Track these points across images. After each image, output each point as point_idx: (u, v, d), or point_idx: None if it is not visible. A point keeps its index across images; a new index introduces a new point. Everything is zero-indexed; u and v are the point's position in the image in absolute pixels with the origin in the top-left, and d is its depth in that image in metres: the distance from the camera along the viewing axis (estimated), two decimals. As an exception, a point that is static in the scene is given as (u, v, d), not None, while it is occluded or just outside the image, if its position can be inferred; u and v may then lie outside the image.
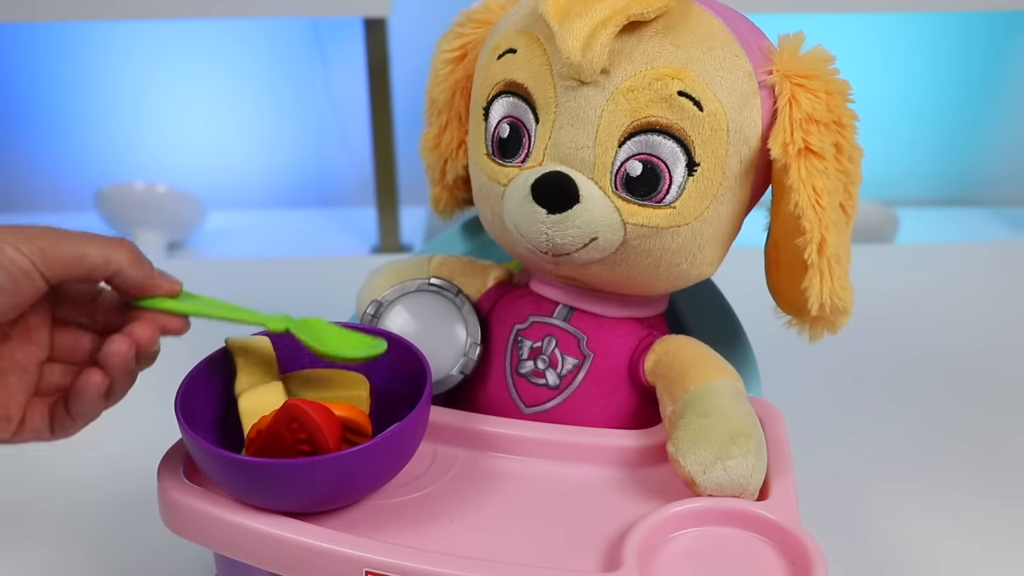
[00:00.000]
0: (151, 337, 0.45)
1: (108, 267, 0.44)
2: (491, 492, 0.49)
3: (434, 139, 0.60)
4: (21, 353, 0.45)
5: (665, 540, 0.46)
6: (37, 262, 0.42)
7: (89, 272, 0.44)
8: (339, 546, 0.44)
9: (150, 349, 0.46)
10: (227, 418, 0.49)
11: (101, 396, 0.45)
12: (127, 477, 0.69)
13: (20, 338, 0.45)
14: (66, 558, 0.63)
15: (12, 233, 0.42)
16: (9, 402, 0.45)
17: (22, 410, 0.45)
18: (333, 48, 1.53)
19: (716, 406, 0.49)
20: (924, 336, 0.89)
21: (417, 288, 0.57)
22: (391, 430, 0.45)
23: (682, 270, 0.52)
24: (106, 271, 0.44)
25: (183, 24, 1.47)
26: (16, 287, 0.42)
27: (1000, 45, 1.54)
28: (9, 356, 0.45)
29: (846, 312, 0.51)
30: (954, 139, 1.60)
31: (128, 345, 0.45)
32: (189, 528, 0.47)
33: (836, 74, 0.50)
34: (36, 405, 0.46)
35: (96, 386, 0.45)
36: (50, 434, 0.46)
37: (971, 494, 0.69)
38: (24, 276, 0.42)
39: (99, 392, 0.45)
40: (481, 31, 0.56)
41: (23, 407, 0.45)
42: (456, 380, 0.55)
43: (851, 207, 0.51)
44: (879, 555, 0.63)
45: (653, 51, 0.48)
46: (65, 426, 0.46)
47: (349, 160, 1.60)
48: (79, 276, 0.44)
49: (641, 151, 0.48)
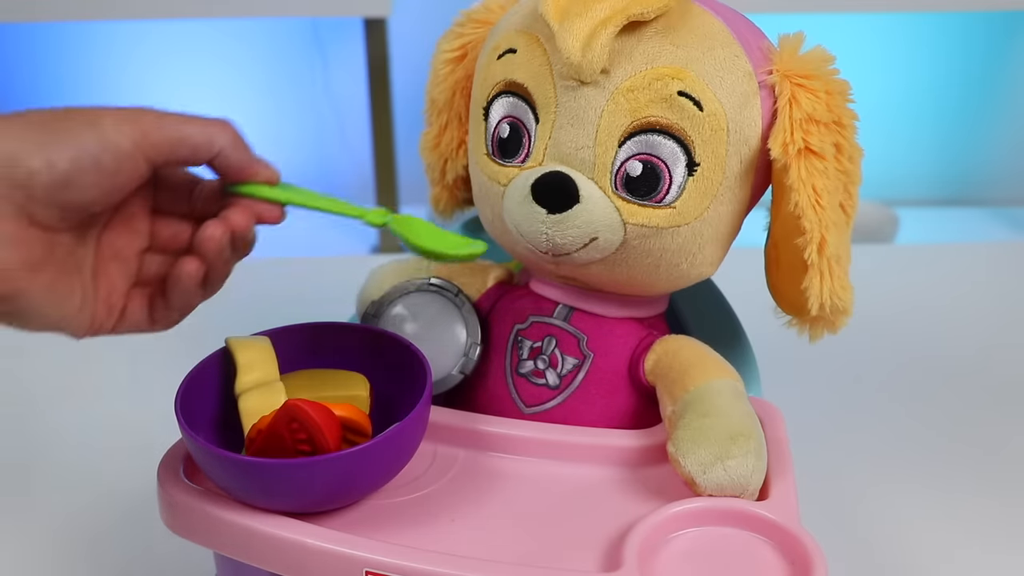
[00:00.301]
0: (245, 223, 0.45)
1: (211, 148, 0.43)
2: (491, 492, 0.49)
3: (434, 139, 0.60)
4: (122, 242, 0.45)
5: (665, 540, 0.46)
6: (140, 142, 0.41)
7: (192, 153, 0.43)
8: (339, 546, 0.44)
9: (245, 236, 0.45)
10: (227, 418, 0.49)
11: (197, 284, 0.45)
12: (127, 477, 0.69)
13: (121, 227, 0.45)
14: (66, 558, 0.63)
15: (113, 115, 0.41)
16: (111, 291, 0.45)
17: (123, 299, 0.45)
18: (333, 48, 1.53)
19: (716, 406, 0.49)
20: (924, 336, 0.89)
21: (417, 288, 0.57)
22: (391, 430, 0.45)
23: (682, 270, 0.52)
24: (209, 152, 0.44)
25: (183, 24, 1.46)
26: (119, 168, 0.41)
27: (1000, 45, 1.54)
28: (111, 245, 0.45)
29: (846, 312, 0.51)
30: (954, 139, 1.60)
31: (222, 230, 0.44)
32: (189, 528, 0.47)
33: (836, 74, 0.50)
34: (136, 295, 0.46)
35: (191, 274, 0.44)
36: (149, 324, 0.46)
37: (971, 494, 0.69)
38: (128, 158, 0.41)
39: (194, 280, 0.45)
40: (481, 31, 0.56)
41: (124, 296, 0.45)
42: (456, 380, 0.55)
43: (851, 207, 0.51)
44: (879, 555, 0.63)
45: (653, 51, 0.48)
46: (164, 317, 0.46)
47: (349, 160, 1.60)
48: (182, 158, 0.43)
49: (641, 151, 0.48)
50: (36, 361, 0.85)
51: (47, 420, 0.77)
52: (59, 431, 0.75)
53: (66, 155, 0.40)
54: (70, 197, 0.41)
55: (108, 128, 0.41)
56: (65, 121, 0.41)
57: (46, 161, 0.39)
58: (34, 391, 0.81)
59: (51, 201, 0.40)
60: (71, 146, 0.40)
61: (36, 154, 0.39)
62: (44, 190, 0.40)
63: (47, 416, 0.77)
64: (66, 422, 0.76)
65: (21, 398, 0.80)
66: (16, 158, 0.39)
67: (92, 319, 0.44)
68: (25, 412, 0.78)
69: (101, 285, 0.44)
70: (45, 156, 0.39)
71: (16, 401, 0.79)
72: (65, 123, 0.40)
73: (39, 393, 0.80)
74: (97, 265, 0.44)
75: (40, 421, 0.77)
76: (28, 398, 0.80)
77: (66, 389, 0.81)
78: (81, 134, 0.40)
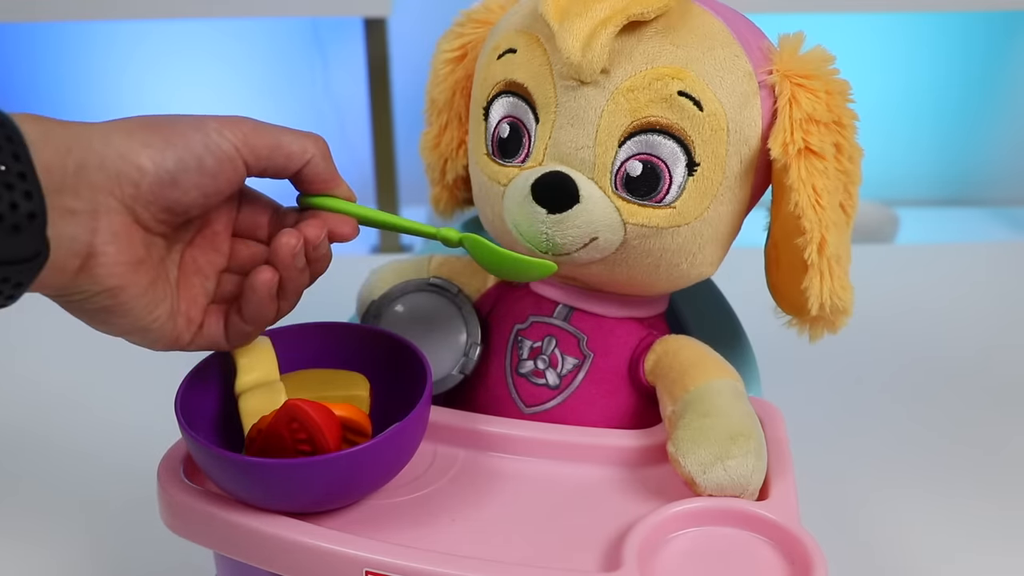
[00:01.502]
0: (317, 234, 0.46)
1: (304, 155, 0.45)
2: (491, 492, 0.49)
3: (434, 139, 0.60)
4: (204, 259, 0.47)
5: (665, 540, 0.46)
6: (240, 147, 0.43)
7: (287, 160, 0.45)
8: (339, 546, 0.44)
9: (318, 248, 0.46)
10: (227, 418, 0.49)
11: (271, 295, 0.46)
12: (127, 477, 0.69)
13: (205, 244, 0.47)
14: (66, 558, 0.63)
15: (216, 120, 0.43)
16: (192, 304, 0.46)
17: (202, 314, 0.46)
18: (333, 48, 1.53)
19: (716, 406, 0.49)
20: (924, 336, 0.89)
21: (417, 288, 0.57)
22: (391, 430, 0.45)
23: (682, 270, 0.52)
24: (302, 159, 0.45)
25: (183, 24, 1.46)
26: (220, 170, 0.43)
27: (1000, 45, 1.54)
28: (194, 260, 0.46)
29: (846, 312, 0.51)
30: (954, 139, 1.60)
31: (296, 238, 0.45)
32: (189, 528, 0.47)
33: (836, 74, 0.50)
34: (213, 311, 0.47)
35: (265, 282, 0.45)
36: (226, 341, 0.47)
37: (971, 494, 0.69)
38: (228, 160, 0.43)
39: (269, 289, 0.46)
40: (481, 31, 0.56)
41: (203, 311, 0.46)
42: (456, 380, 0.55)
43: (851, 207, 0.51)
44: (879, 555, 0.63)
45: (653, 51, 0.48)
46: (239, 331, 0.47)
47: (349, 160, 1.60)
48: (278, 164, 0.45)
49: (641, 151, 0.48)
50: (36, 361, 0.85)
51: (47, 420, 0.77)
52: (59, 431, 0.75)
53: (173, 155, 0.42)
54: (174, 196, 0.42)
55: (212, 131, 0.43)
56: (172, 124, 0.42)
57: (154, 160, 0.41)
58: (34, 391, 0.81)
59: (156, 200, 0.42)
60: (178, 146, 0.42)
61: (145, 152, 0.41)
62: (151, 188, 0.41)
63: (47, 416, 0.77)
64: (66, 422, 0.76)
65: (21, 398, 0.80)
66: (127, 155, 0.41)
67: (175, 329, 0.45)
68: (25, 412, 0.78)
69: (183, 297, 0.46)
70: (154, 155, 0.41)
71: (16, 401, 0.79)
72: (172, 125, 0.42)
73: (39, 393, 0.80)
74: (181, 277, 0.46)
75: (40, 421, 0.77)
76: (28, 398, 0.80)
77: (66, 389, 0.81)
78: (187, 135, 0.42)
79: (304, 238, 0.46)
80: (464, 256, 0.61)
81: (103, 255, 0.40)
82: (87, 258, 0.40)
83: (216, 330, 0.47)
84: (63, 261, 0.39)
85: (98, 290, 0.41)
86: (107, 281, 0.41)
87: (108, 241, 0.40)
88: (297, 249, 0.45)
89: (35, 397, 0.80)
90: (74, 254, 0.39)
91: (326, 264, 0.48)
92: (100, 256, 0.40)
